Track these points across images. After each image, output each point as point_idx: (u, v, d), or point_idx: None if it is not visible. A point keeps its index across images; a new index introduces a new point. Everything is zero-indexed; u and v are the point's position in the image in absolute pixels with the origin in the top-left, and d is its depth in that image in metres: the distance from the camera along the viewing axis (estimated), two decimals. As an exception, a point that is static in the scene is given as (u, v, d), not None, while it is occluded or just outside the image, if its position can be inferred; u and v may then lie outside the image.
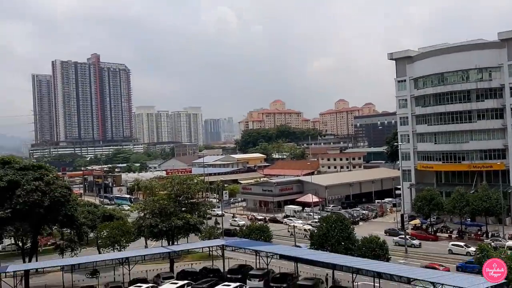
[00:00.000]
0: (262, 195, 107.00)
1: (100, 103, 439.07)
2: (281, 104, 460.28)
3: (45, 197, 46.47)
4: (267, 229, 60.72)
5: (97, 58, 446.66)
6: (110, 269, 51.92)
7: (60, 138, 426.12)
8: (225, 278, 46.63)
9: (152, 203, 60.35)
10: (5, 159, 51.33)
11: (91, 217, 64.83)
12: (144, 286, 42.41)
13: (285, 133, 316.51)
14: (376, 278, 38.77)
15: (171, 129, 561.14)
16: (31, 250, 53.43)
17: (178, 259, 58.51)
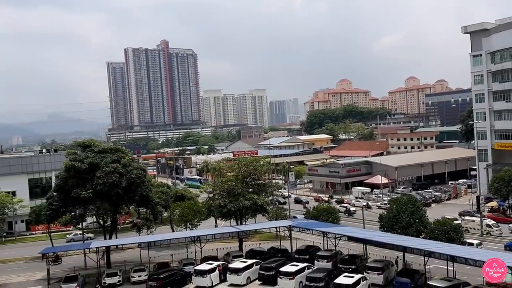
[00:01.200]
0: (328, 176, 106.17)
1: (169, 88, 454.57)
2: (348, 83, 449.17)
3: (123, 178, 49.11)
4: (334, 211, 60.37)
5: (166, 44, 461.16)
6: (183, 247, 54.39)
7: (134, 123, 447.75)
8: (293, 258, 47.07)
9: (221, 184, 61.96)
10: (86, 143, 54.72)
11: (164, 197, 67.98)
12: (215, 264, 43.92)
13: (352, 113, 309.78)
14: (450, 262, 37.47)
15: (237, 111, 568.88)
16: (111, 227, 56.92)
17: (247, 239, 59.95)
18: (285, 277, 39.64)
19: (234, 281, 41.89)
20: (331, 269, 41.47)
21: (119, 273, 45.93)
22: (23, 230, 76.37)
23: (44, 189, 74.98)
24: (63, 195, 50.14)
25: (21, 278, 50.29)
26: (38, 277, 49.43)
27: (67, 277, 44.96)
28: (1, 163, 79.00)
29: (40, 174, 79.57)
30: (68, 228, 72.42)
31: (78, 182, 49.01)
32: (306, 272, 40.12)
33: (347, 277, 37.11)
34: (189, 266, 46.31)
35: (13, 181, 74.84)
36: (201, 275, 41.98)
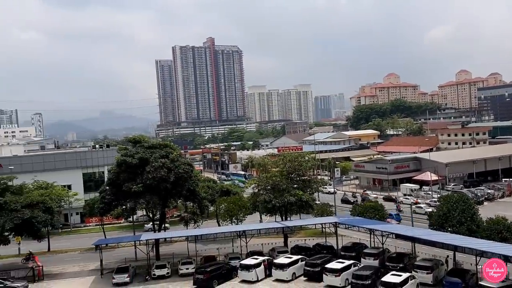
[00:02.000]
0: (375, 172, 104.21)
1: (215, 84, 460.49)
2: (396, 78, 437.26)
3: (171, 173, 50.40)
4: (381, 208, 59.32)
5: (212, 42, 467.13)
6: (228, 241, 55.28)
7: (182, 119, 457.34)
8: (339, 255, 46.71)
9: (266, 179, 62.24)
10: (136, 139, 56.45)
11: (211, 192, 69.21)
12: (260, 258, 44.30)
13: (400, 108, 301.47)
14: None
15: (282, 107, 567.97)
16: (160, 221, 58.66)
17: (292, 235, 60.02)
18: (331, 274, 39.46)
19: (280, 277, 42.14)
20: (378, 267, 40.86)
21: (167, 265, 47.26)
22: (78, 222, 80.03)
23: (97, 183, 78.22)
24: (115, 189, 52.08)
25: (76, 268, 52.78)
26: (92, 267, 51.72)
27: (119, 268, 46.79)
28: (57, 158, 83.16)
29: (94, 169, 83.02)
30: (120, 220, 75.21)
31: (129, 176, 50.75)
32: (352, 270, 39.74)
33: (394, 275, 36.45)
34: (234, 260, 46.91)
35: (68, 175, 78.51)
36: (247, 270, 42.48)
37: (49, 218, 51.36)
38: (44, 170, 77.10)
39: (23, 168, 75.42)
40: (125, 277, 44.88)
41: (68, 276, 49.48)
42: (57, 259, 57.51)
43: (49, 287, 46.31)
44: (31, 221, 48.53)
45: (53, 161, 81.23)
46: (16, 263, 54.69)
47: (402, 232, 44.45)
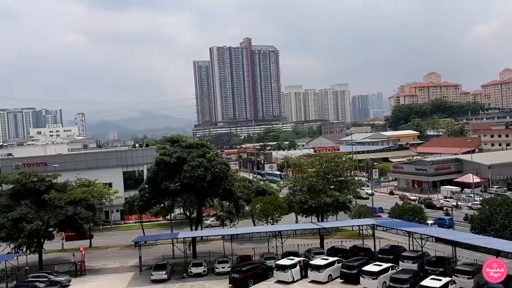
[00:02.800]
0: (415, 174, 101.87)
1: (251, 84, 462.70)
2: (436, 77, 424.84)
3: (207, 172, 51.02)
4: (421, 210, 57.93)
5: (248, 42, 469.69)
6: (264, 241, 55.38)
7: (218, 119, 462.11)
8: (376, 257, 46.01)
9: (302, 180, 61.87)
10: (174, 138, 57.48)
11: (246, 191, 69.42)
12: (296, 259, 44.19)
13: (441, 108, 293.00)
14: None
15: (318, 107, 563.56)
16: (197, 219, 59.49)
17: (328, 236, 59.42)
18: (368, 276, 38.92)
19: (315, 278, 41.90)
20: (417, 271, 39.98)
21: (204, 264, 47.83)
22: (118, 219, 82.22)
23: (136, 181, 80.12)
24: (154, 187, 53.20)
25: (116, 264, 54.27)
26: (131, 264, 53.01)
27: (157, 265, 47.80)
28: (99, 157, 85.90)
29: (133, 167, 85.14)
30: (158, 218, 76.75)
31: (167, 175, 51.70)
32: (390, 273, 39.06)
33: (434, 279, 35.54)
34: (270, 260, 46.94)
35: (109, 174, 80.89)
36: (283, 270, 42.48)
37: (91, 215, 53.05)
38: (87, 168, 79.80)
39: (67, 166, 78.22)
40: (163, 274, 45.79)
41: (109, 272, 50.96)
42: (98, 255, 59.33)
43: (90, 282, 47.83)
44: (74, 218, 50.32)
45: (95, 159, 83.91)
46: (60, 258, 56.86)
47: (442, 236, 43.30)
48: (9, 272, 49.60)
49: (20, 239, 47.96)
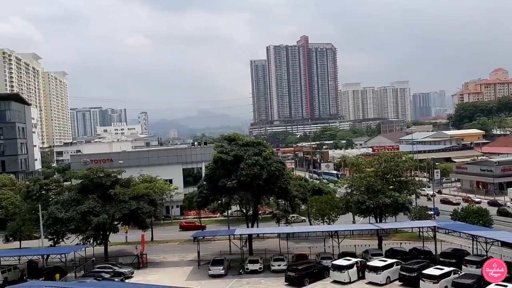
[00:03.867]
0: (479, 175, 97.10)
1: (308, 83, 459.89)
2: (503, 73, 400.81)
3: (263, 170, 51.57)
4: (486, 213, 55.20)
5: (305, 40, 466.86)
6: (320, 240, 55.01)
7: (274, 117, 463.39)
8: (437, 261, 44.48)
9: (359, 179, 60.74)
10: (231, 137, 58.59)
11: (302, 190, 69.21)
12: (353, 260, 43.64)
13: (509, 106, 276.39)
14: None
15: (377, 105, 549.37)
16: (253, 217, 60.14)
17: (386, 237, 58.10)
18: (429, 280, 37.74)
19: (373, 280, 41.21)
20: (480, 276, 38.08)
21: (260, 261, 48.33)
22: (178, 215, 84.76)
23: (195, 178, 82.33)
24: (212, 184, 54.51)
25: (175, 258, 56.15)
26: (190, 258, 54.65)
27: (214, 260, 48.95)
28: (160, 154, 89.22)
29: (192, 165, 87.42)
30: (216, 214, 78.27)
31: (224, 172, 52.83)
32: (452, 277, 37.69)
33: (499, 285, 33.80)
34: (326, 260, 46.69)
35: (170, 170, 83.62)
36: (339, 270, 42.12)
37: (153, 210, 55.29)
38: (149, 165, 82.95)
39: (131, 163, 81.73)
40: (221, 269, 46.82)
41: (169, 265, 52.82)
42: (159, 248, 61.61)
43: (152, 274, 49.78)
44: (137, 212, 52.66)
45: (156, 157, 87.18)
46: (123, 250, 59.63)
47: (509, 240, 41.06)
48: (78, 262, 52.84)
49: (87, 231, 50.90)
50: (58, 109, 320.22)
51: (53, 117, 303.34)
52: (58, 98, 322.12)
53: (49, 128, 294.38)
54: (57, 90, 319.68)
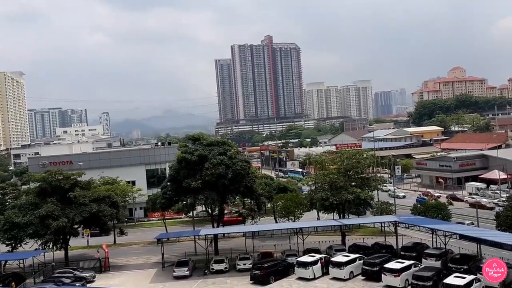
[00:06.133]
0: (439, 170, 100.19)
1: (273, 82, 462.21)
2: (461, 72, 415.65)
3: (229, 170, 51.32)
4: (444, 207, 57.01)
5: (270, 40, 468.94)
6: (285, 238, 55.43)
7: (240, 117, 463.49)
8: (398, 255, 45.54)
9: (323, 177, 61.63)
10: (196, 136, 57.97)
11: (268, 188, 69.47)
12: (317, 256, 44.13)
13: (466, 103, 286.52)
14: None
15: (340, 104, 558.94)
16: (218, 217, 59.89)
17: (349, 233, 59.11)
18: (390, 274, 38.61)
19: (337, 275, 41.80)
20: (440, 268, 39.41)
21: (225, 260, 48.22)
22: (141, 217, 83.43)
23: (159, 179, 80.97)
24: (176, 185, 53.82)
25: (139, 260, 55.22)
26: (154, 260, 53.81)
27: (179, 261, 48.41)
28: (123, 155, 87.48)
29: (156, 165, 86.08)
30: (180, 215, 77.53)
31: (188, 173, 52.26)
32: (413, 270, 38.67)
33: (458, 277, 34.98)
34: (291, 257, 47.01)
35: (133, 172, 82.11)
36: (304, 267, 42.52)
37: (115, 212, 54.20)
38: (111, 166, 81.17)
39: (91, 164, 79.76)
40: (185, 270, 46.37)
41: (132, 268, 51.89)
42: (122, 251, 60.39)
43: (114, 278, 48.78)
44: (98, 215, 51.42)
45: (118, 158, 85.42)
46: (85, 254, 58.10)
47: (467, 233, 42.60)
48: (37, 268, 51.09)
49: (46, 236, 49.36)
50: (15, 110, 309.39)
51: (10, 118, 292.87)
52: (15, 99, 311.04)
53: (5, 130, 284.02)
54: (13, 91, 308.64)
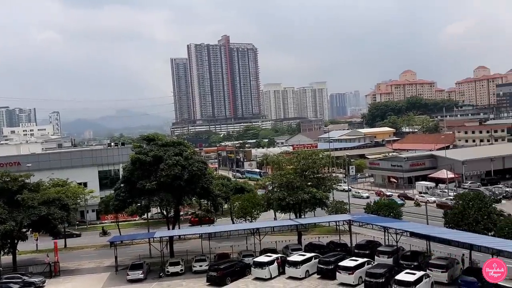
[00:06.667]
0: (391, 170, 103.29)
1: (230, 82, 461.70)
2: (412, 75, 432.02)
3: (185, 171, 50.69)
4: (396, 205, 58.74)
5: (227, 40, 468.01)
6: (242, 238, 55.35)
7: (197, 117, 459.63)
8: (352, 253, 46.50)
9: (280, 177, 62.13)
10: (150, 137, 56.88)
11: (225, 189, 69.28)
12: (273, 256, 44.33)
13: (416, 105, 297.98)
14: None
15: (297, 105, 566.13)
16: (174, 218, 59.05)
17: (305, 232, 59.87)
18: (344, 271, 39.31)
19: (293, 274, 42.12)
20: (392, 265, 40.58)
21: (181, 263, 47.60)
22: (94, 219, 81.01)
23: (112, 180, 78.95)
24: (130, 186, 52.60)
25: (91, 264, 53.52)
26: (107, 264, 52.34)
27: (133, 264, 47.31)
28: (74, 156, 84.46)
29: (109, 167, 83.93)
30: (135, 218, 75.90)
31: (143, 174, 51.19)
32: (366, 268, 39.52)
33: (408, 273, 36.12)
34: (248, 257, 47.01)
35: (84, 173, 79.69)
36: (260, 267, 42.56)
37: (65, 215, 52.27)
38: (61, 167, 78.44)
39: (41, 166, 76.64)
40: (140, 273, 45.37)
41: (84, 272, 50.25)
42: (73, 255, 58.40)
43: (65, 282, 47.09)
44: (47, 218, 49.43)
45: (69, 159, 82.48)
46: (34, 259, 55.71)
47: (417, 230, 43.97)
48: (-19, 274, 48.39)
49: (-8, 240, 46.86)
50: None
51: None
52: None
53: None
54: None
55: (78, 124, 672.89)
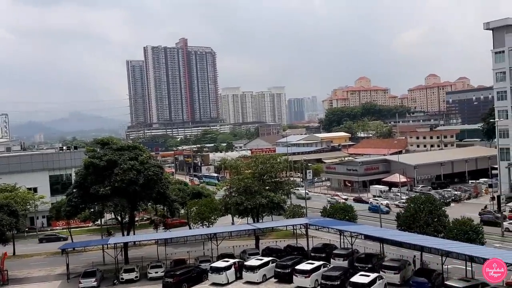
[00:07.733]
0: (346, 174, 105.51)
1: (188, 86, 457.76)
2: (367, 81, 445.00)
3: (140, 175, 49.55)
4: (351, 209, 59.99)
5: (184, 43, 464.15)
6: (199, 244, 54.78)
7: (153, 120, 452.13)
8: (309, 256, 46.96)
9: (238, 181, 62.04)
10: (104, 141, 55.15)
11: (182, 194, 68.38)
12: (231, 261, 44.09)
13: (371, 111, 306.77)
14: (468, 262, 36.95)
15: (256, 109, 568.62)
16: (129, 224, 57.61)
17: (263, 236, 59.99)
18: (301, 275, 39.64)
19: (250, 279, 42.02)
20: (347, 268, 41.29)
21: (136, 269, 46.48)
22: (44, 226, 77.93)
23: (64, 185, 76.25)
24: (82, 191, 50.93)
25: (42, 272, 51.35)
26: (59, 272, 50.40)
27: (86, 272, 45.80)
28: (23, 160, 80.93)
29: (61, 171, 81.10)
30: (88, 224, 73.61)
31: (97, 179, 49.67)
32: (322, 271, 40.03)
33: (363, 276, 36.89)
34: (205, 263, 46.51)
35: (34, 178, 76.51)
36: (217, 272, 42.24)
37: (14, 222, 50.16)
38: (10, 172, 75.07)
39: (-13, 170, 73.00)
40: (93, 281, 43.99)
41: (34, 281, 48.17)
42: (22, 263, 55.84)
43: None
44: (-6, 225, 47.05)
45: (18, 163, 79.03)
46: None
47: (371, 233, 45.04)
48: None
49: None
50: None
51: None
52: None
53: None
54: None
55: (28, 127, 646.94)
